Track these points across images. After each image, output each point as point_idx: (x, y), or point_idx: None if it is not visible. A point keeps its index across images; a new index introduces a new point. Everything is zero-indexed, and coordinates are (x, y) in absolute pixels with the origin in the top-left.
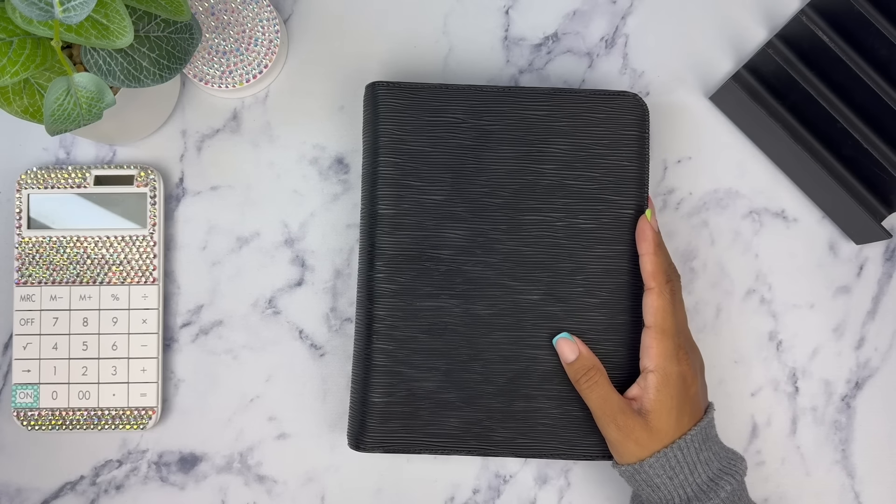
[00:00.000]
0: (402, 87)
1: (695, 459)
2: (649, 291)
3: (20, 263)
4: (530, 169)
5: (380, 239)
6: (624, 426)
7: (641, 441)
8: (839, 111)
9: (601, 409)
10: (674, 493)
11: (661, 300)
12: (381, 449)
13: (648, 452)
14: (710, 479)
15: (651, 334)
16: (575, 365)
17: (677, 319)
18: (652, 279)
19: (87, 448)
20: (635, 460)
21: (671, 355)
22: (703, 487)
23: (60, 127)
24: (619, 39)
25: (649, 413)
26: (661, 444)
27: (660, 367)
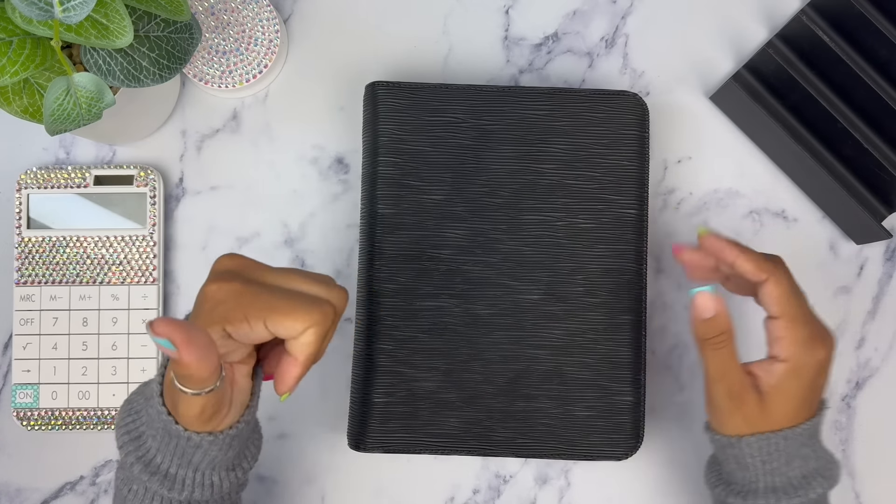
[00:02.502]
0: (402, 86)
1: (795, 453)
2: (765, 283)
3: (20, 263)
4: (530, 168)
5: (380, 239)
6: (738, 397)
7: (750, 418)
8: (839, 111)
9: (720, 373)
10: (760, 479)
11: (780, 287)
12: (382, 449)
13: (751, 430)
14: (804, 476)
15: (781, 324)
16: (710, 322)
17: (805, 303)
18: (760, 272)
19: (86, 448)
20: (735, 433)
21: (806, 343)
22: (794, 483)
23: (60, 127)
24: (619, 39)
25: (767, 395)
26: (769, 427)
27: (793, 357)
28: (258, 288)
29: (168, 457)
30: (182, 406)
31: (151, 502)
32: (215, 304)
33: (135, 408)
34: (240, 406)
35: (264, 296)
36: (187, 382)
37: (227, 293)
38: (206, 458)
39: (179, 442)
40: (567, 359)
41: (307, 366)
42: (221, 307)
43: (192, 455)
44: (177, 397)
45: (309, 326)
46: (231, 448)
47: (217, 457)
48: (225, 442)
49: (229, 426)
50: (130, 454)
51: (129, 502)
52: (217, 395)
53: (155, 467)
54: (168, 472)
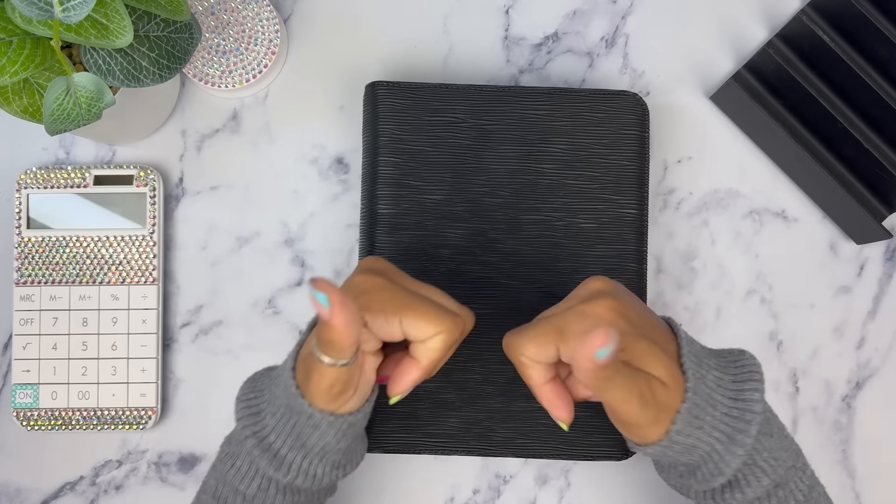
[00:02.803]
0: (402, 86)
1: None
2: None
3: (20, 263)
4: (530, 168)
5: (380, 239)
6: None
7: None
8: (839, 111)
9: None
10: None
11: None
12: (381, 449)
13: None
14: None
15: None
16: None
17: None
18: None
19: (86, 448)
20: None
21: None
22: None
23: (60, 127)
24: (619, 39)
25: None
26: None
27: (627, 347)
28: (400, 288)
29: (283, 437)
30: (315, 377)
31: (254, 479)
32: (359, 293)
33: (258, 385)
34: (362, 396)
35: (403, 295)
36: (329, 349)
37: (371, 285)
38: (320, 442)
39: (300, 420)
40: None
41: (427, 372)
42: (364, 297)
43: (307, 436)
44: (311, 368)
45: (439, 332)
46: (344, 437)
47: (330, 443)
48: (342, 428)
49: (350, 411)
50: (248, 427)
51: (231, 477)
52: (349, 371)
53: (267, 445)
54: (279, 452)
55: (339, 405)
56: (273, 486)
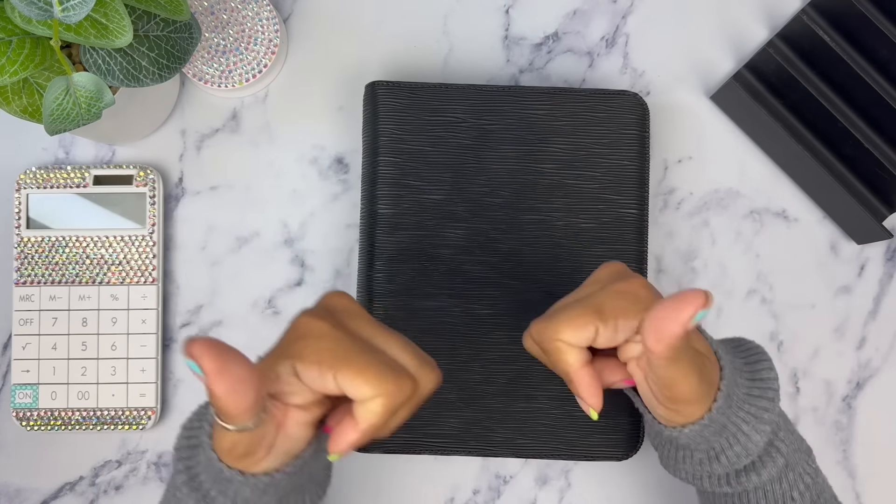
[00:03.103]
0: (401, 86)
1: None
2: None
3: (19, 263)
4: (531, 168)
5: (380, 239)
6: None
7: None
8: (840, 111)
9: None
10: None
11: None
12: (382, 449)
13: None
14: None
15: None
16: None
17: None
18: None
19: (86, 448)
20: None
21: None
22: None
23: (59, 126)
24: (619, 39)
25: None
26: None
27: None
28: (345, 336)
29: (210, 479)
30: (215, 435)
31: None
32: (297, 337)
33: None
34: (283, 454)
35: (345, 346)
36: (219, 415)
37: (311, 330)
38: (240, 496)
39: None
40: None
41: (367, 435)
42: (300, 343)
43: (226, 486)
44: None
45: (378, 395)
46: (266, 494)
47: (250, 499)
48: (257, 486)
49: (265, 472)
50: (182, 461)
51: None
52: (253, 435)
53: (198, 484)
54: (208, 493)
55: (249, 465)
56: None
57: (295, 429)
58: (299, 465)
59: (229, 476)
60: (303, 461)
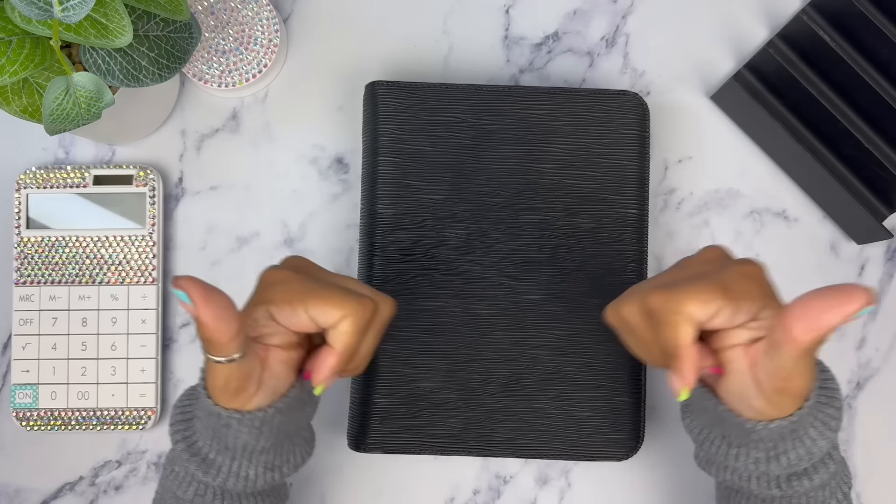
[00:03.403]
0: (401, 86)
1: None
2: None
3: (19, 263)
4: (530, 168)
5: (379, 239)
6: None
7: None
8: (840, 111)
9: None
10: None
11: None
12: (382, 450)
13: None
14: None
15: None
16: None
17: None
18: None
19: (86, 448)
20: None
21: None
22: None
23: (59, 126)
24: (619, 39)
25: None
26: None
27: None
28: (306, 278)
29: (208, 440)
30: (209, 375)
31: (189, 485)
32: (266, 286)
33: (192, 394)
34: (271, 392)
35: (309, 284)
36: (209, 347)
37: (278, 278)
38: (239, 441)
39: (212, 422)
40: (567, 359)
41: (343, 358)
42: (270, 290)
43: (225, 437)
44: (206, 367)
45: (346, 315)
46: (262, 435)
47: (249, 442)
48: (254, 425)
49: (258, 407)
50: (179, 432)
51: (170, 483)
52: (241, 368)
53: (196, 449)
54: (207, 456)
55: (243, 402)
56: (210, 492)
57: (278, 367)
58: (287, 402)
59: (227, 420)
60: (290, 399)
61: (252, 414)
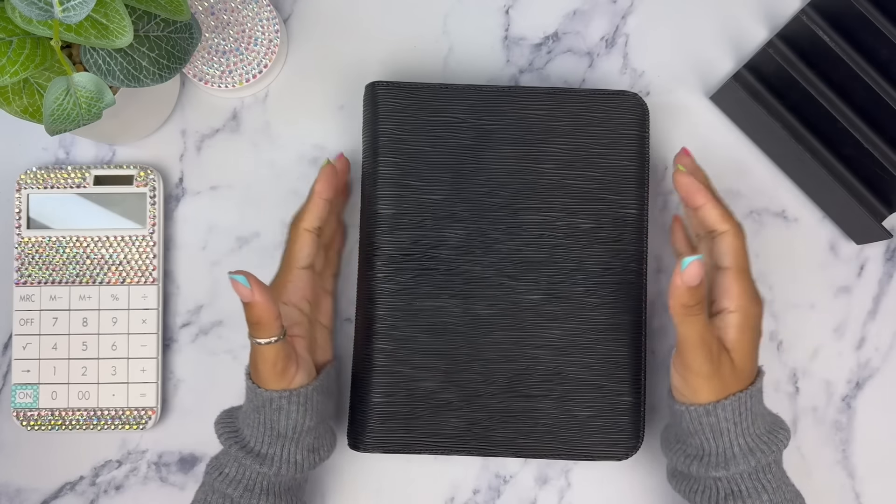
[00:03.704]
0: (401, 86)
1: (757, 410)
2: (723, 234)
3: (20, 263)
4: (530, 168)
5: (379, 239)
6: (717, 359)
7: (725, 379)
8: (840, 111)
9: (701, 338)
10: (734, 442)
11: (738, 240)
12: (381, 449)
13: (725, 393)
14: (768, 431)
15: (731, 275)
16: (696, 290)
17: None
18: (724, 222)
19: (86, 448)
20: (711, 399)
21: (752, 295)
22: (764, 439)
23: (60, 127)
24: (619, 39)
25: (731, 351)
26: (738, 386)
27: (742, 307)
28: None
29: (259, 437)
30: (259, 362)
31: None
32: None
33: (232, 413)
34: (307, 373)
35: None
36: (259, 330)
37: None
38: (289, 423)
39: (265, 411)
40: (567, 359)
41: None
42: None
43: (277, 422)
44: (255, 358)
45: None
46: (308, 413)
47: (298, 422)
48: (301, 402)
49: (301, 385)
50: (230, 439)
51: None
52: (284, 347)
53: (250, 448)
54: (260, 451)
55: (289, 381)
56: (258, 487)
57: (303, 353)
58: (321, 381)
59: (278, 402)
60: (323, 378)
61: (298, 391)
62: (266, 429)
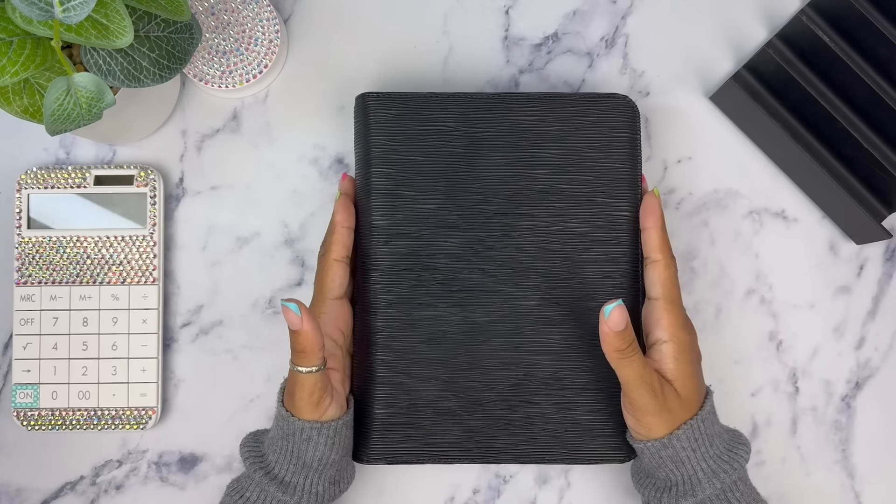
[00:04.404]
0: (392, 97)
1: (713, 432)
2: (655, 264)
3: (20, 263)
4: (523, 174)
5: (375, 250)
6: (660, 393)
7: (674, 410)
8: (839, 111)
9: (641, 377)
10: (697, 468)
11: (668, 271)
12: (384, 461)
13: (676, 423)
14: (728, 450)
15: (661, 305)
16: (624, 334)
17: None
18: (658, 251)
19: (87, 448)
20: (665, 433)
21: (682, 325)
22: (725, 458)
23: (60, 127)
24: (619, 39)
25: (675, 382)
26: (688, 414)
27: (674, 337)
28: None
29: (285, 465)
30: (297, 390)
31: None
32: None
33: (258, 437)
34: (339, 406)
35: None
36: (302, 358)
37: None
38: (316, 454)
39: (294, 440)
40: (567, 363)
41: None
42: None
43: (304, 453)
44: (293, 385)
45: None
46: (335, 447)
47: (325, 455)
48: (330, 435)
49: (332, 418)
50: (255, 464)
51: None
52: (322, 378)
53: (274, 475)
54: (284, 478)
55: (322, 412)
56: None
57: (338, 385)
58: (350, 415)
59: (308, 433)
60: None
61: (328, 424)
62: (293, 457)
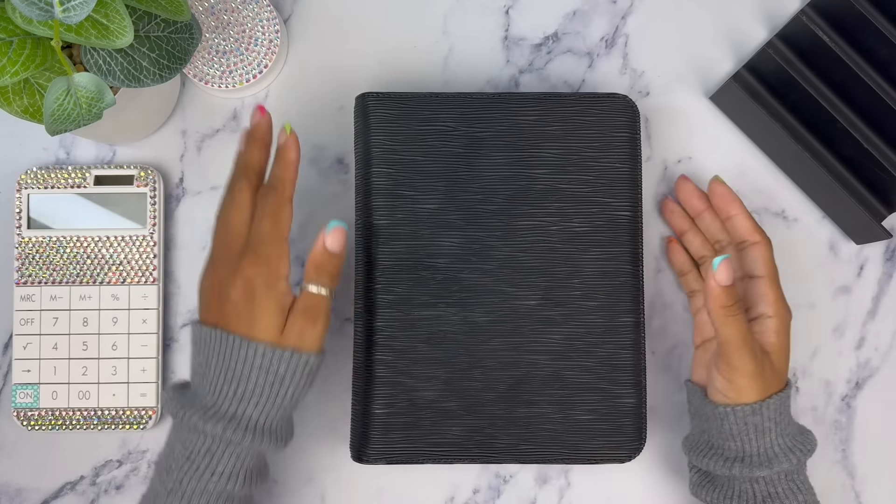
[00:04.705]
0: (392, 97)
1: (789, 411)
2: (756, 245)
3: (20, 263)
4: (523, 174)
5: (376, 250)
6: (761, 359)
7: (768, 379)
8: (839, 111)
9: (744, 338)
10: (775, 442)
11: (769, 251)
12: (385, 461)
13: (768, 393)
14: (801, 432)
15: (765, 283)
16: (731, 290)
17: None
18: (755, 233)
19: (87, 448)
20: (757, 398)
21: (784, 303)
22: (798, 439)
23: (60, 127)
24: (619, 39)
25: (771, 354)
26: (778, 386)
27: (778, 313)
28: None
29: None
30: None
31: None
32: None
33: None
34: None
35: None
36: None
37: None
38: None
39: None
40: (567, 363)
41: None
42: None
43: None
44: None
45: None
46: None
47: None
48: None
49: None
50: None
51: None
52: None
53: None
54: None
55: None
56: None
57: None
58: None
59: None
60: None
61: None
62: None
